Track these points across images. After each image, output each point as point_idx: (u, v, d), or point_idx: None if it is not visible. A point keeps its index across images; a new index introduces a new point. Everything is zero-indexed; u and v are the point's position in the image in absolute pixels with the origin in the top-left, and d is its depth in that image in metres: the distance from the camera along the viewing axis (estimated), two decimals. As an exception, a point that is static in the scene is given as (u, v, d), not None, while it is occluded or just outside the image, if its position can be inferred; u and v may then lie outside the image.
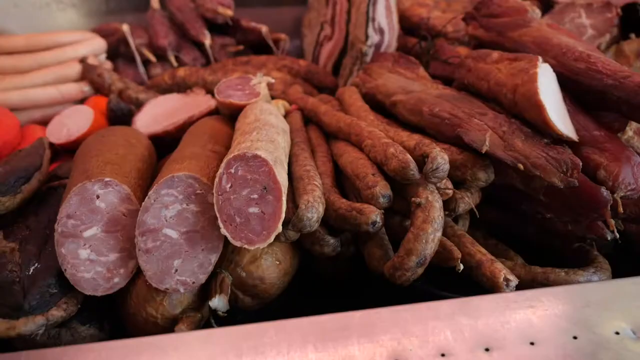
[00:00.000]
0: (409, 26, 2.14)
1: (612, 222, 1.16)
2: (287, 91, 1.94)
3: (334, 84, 2.25)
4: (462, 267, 1.06)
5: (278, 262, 1.12)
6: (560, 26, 1.55)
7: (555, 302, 0.95)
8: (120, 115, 1.92)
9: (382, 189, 1.12)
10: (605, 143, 1.21)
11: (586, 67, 1.29)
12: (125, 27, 2.35)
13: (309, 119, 1.68)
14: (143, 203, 1.05)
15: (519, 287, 1.14)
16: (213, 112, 1.74)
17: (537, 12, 1.72)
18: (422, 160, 1.13)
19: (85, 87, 2.12)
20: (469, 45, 1.83)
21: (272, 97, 2.05)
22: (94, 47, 2.24)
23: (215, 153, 1.26)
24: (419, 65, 1.74)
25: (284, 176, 1.08)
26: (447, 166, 1.12)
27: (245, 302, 1.12)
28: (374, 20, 1.96)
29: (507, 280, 1.03)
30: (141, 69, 2.38)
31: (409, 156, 1.13)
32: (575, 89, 1.33)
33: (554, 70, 1.38)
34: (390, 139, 1.30)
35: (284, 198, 1.02)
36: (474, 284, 1.12)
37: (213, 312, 1.04)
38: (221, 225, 1.01)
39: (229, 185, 1.04)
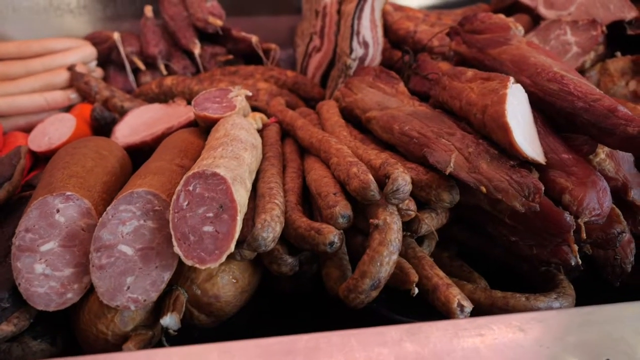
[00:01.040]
0: (396, 39, 2.13)
1: (576, 247, 1.14)
2: (269, 103, 1.94)
3: (321, 96, 2.25)
4: (416, 290, 1.05)
5: (235, 280, 1.12)
6: (539, 45, 1.54)
7: (506, 330, 0.94)
8: (104, 124, 1.94)
9: (341, 209, 1.11)
10: (573, 167, 1.19)
11: (559, 88, 1.28)
12: (116, 35, 2.37)
13: (287, 133, 1.68)
14: (100, 218, 1.05)
15: (478, 312, 1.13)
16: (193, 123, 1.74)
17: (520, 29, 1.71)
18: (385, 180, 1.12)
19: (72, 95, 2.14)
20: (452, 61, 1.82)
21: (257, 109, 2.05)
22: (84, 54, 2.25)
23: (181, 168, 1.26)
24: (399, 81, 1.73)
25: (242, 194, 1.07)
26: (408, 187, 1.11)
27: (201, 319, 1.11)
28: (358, 33, 1.95)
29: (461, 306, 1.02)
30: (130, 76, 2.40)
31: (370, 177, 1.12)
32: (548, 109, 1.31)
33: (529, 90, 1.37)
34: (359, 157, 1.30)
35: (239, 217, 1.02)
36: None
37: (165, 330, 1.03)
38: (175, 243, 1.01)
39: (186, 202, 1.04)
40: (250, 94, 1.64)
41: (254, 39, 2.43)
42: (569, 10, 1.96)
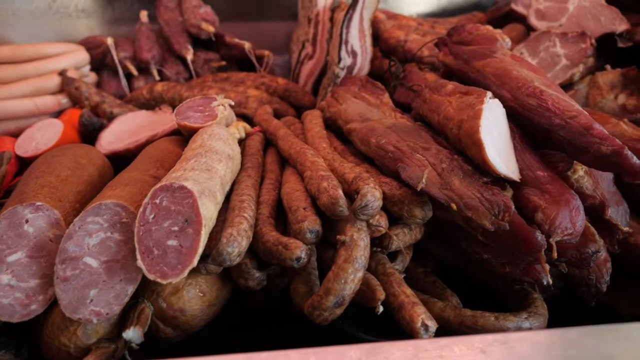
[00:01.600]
0: (386, 48, 2.12)
1: (547, 267, 1.12)
2: (257, 111, 1.94)
3: (312, 104, 2.24)
4: (381, 309, 1.03)
5: (202, 294, 1.11)
6: (523, 58, 1.52)
7: (467, 352, 0.92)
8: (92, 130, 1.95)
9: (310, 224, 1.11)
10: (547, 184, 1.17)
11: (537, 103, 1.26)
12: (109, 41, 2.38)
13: (270, 142, 1.68)
14: (67, 230, 1.05)
15: (447, 331, 1.12)
16: (178, 132, 1.74)
17: (507, 41, 1.69)
18: (356, 195, 1.11)
19: (63, 100, 2.15)
20: (440, 72, 1.81)
21: (246, 116, 2.05)
22: (77, 59, 2.27)
23: (155, 178, 1.26)
24: (384, 92, 1.72)
25: (210, 208, 1.07)
26: (377, 204, 1.10)
27: (167, 332, 1.11)
28: (347, 42, 1.95)
29: (425, 325, 1.00)
30: (123, 81, 2.41)
31: (339, 192, 1.11)
32: (527, 125, 1.30)
33: (509, 105, 1.35)
34: (334, 170, 1.29)
35: (204, 232, 1.02)
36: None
37: (129, 343, 1.03)
38: (138, 256, 1.00)
39: (152, 215, 1.04)
40: (232, 103, 1.64)
41: (247, 45, 2.43)
42: (560, 21, 1.94)
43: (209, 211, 1.06)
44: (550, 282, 1.13)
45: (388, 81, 1.86)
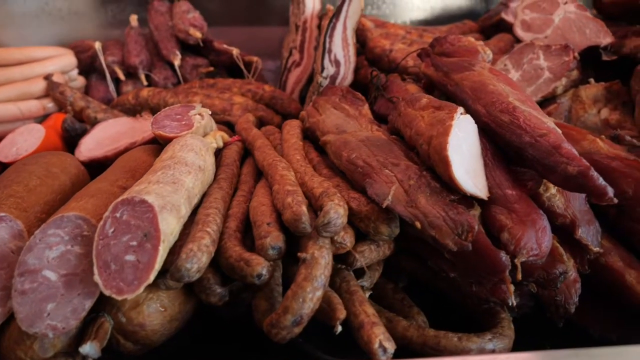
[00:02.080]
0: (372, 57, 2.12)
1: (512, 287, 1.11)
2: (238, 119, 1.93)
3: (298, 112, 2.23)
4: (340, 328, 1.02)
5: (163, 309, 1.11)
6: (502, 72, 1.51)
7: (421, 376, 0.91)
8: (74, 135, 1.94)
9: (272, 241, 1.10)
10: (515, 203, 1.16)
11: (509, 120, 1.25)
12: (97, 45, 2.38)
13: (249, 152, 1.67)
14: (27, 242, 1.05)
15: (410, 351, 1.11)
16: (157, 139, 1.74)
17: (489, 53, 1.68)
18: (319, 212, 1.10)
19: (49, 104, 2.15)
20: (420, 83, 1.79)
21: (230, 124, 2.05)
22: (63, 63, 2.27)
23: (123, 190, 1.26)
24: (365, 103, 1.71)
25: (171, 223, 1.06)
26: (340, 221, 1.09)
27: (127, 347, 1.11)
28: (330, 51, 1.94)
29: (383, 347, 0.99)
30: (111, 86, 2.41)
31: (302, 208, 1.11)
32: (500, 141, 1.29)
33: (482, 120, 1.34)
34: (304, 184, 1.28)
35: (162, 248, 1.01)
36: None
37: (86, 358, 1.03)
38: (95, 271, 1.00)
39: (112, 229, 1.03)
40: (209, 112, 1.63)
41: (235, 51, 2.43)
42: (546, 33, 1.93)
43: (169, 226, 1.06)
44: (514, 303, 1.11)
45: (372, 91, 1.85)
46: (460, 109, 1.25)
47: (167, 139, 1.49)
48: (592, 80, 1.80)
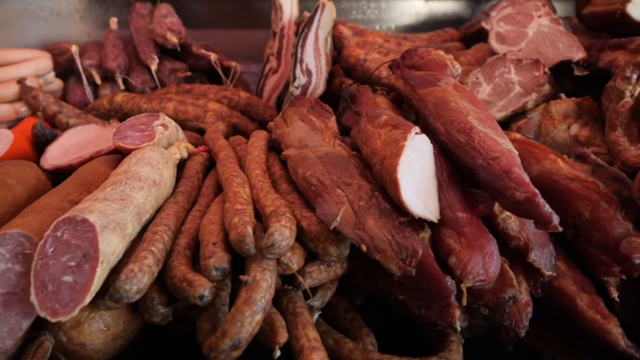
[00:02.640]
0: (347, 67, 2.10)
1: (458, 313, 1.11)
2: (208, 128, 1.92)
3: (273, 119, 2.22)
4: (278, 353, 1.02)
5: (106, 328, 1.10)
6: (466, 89, 1.49)
7: (352, 406, 0.90)
8: (44, 141, 1.93)
9: (216, 262, 1.09)
10: (465, 226, 1.15)
11: (465, 140, 1.24)
12: (74, 48, 2.37)
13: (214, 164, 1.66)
14: (-32, 260, 1.04)
15: (353, 374, 1.10)
16: (123, 148, 1.73)
17: (457, 67, 1.67)
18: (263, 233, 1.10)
19: (22, 108, 2.14)
20: (389, 96, 1.78)
21: (204, 131, 2.03)
22: (38, 67, 2.26)
23: (73, 205, 1.24)
24: (332, 115, 1.70)
25: (113, 242, 1.05)
26: (285, 243, 1.08)
27: (69, 366, 1.10)
28: (302, 61, 1.93)
29: (318, 373, 0.98)
30: (87, 89, 2.40)
31: (247, 229, 1.10)
32: (456, 161, 1.28)
33: (441, 139, 1.33)
34: (258, 201, 1.28)
35: (100, 269, 1.00)
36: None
37: (23, 377, 1.02)
38: (32, 291, 0.99)
39: (52, 249, 1.02)
40: (172, 123, 1.62)
41: (213, 56, 2.41)
42: (519, 46, 1.91)
43: (111, 246, 1.05)
44: (459, 329, 1.10)
45: (341, 102, 1.83)
46: (416, 129, 1.24)
47: (127, 150, 1.48)
48: (562, 95, 1.78)
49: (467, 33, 2.57)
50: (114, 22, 2.59)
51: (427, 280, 1.11)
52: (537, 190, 1.06)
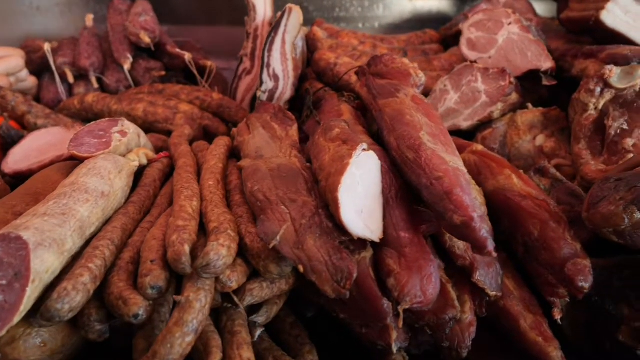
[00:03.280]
0: (317, 71, 2.08)
1: (394, 334, 1.10)
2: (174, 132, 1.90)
3: (245, 121, 2.21)
4: (208, 375, 1.02)
5: (43, 344, 1.10)
6: (424, 100, 1.47)
7: None
8: (10, 143, 1.92)
9: (152, 280, 1.08)
10: (406, 247, 1.14)
11: (413, 158, 1.22)
12: (46, 46, 2.35)
13: (175, 170, 1.65)
14: None
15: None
16: (85, 153, 1.72)
17: (421, 76, 1.64)
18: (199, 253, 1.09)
19: (-9, 107, 2.13)
20: (354, 104, 1.76)
21: (170, 132, 2.02)
22: (10, 65, 2.24)
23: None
24: (294, 123, 1.68)
25: (48, 260, 1.05)
26: (221, 262, 1.07)
27: (4, 382, 1.10)
28: (269, 66, 1.90)
29: (247, 396, 0.98)
30: (60, 88, 2.38)
31: (184, 248, 1.09)
32: (405, 178, 1.26)
33: (392, 154, 1.32)
34: (205, 215, 1.27)
35: (31, 288, 1.00)
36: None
37: (-45, 394, 1.02)
38: (-38, 310, 0.99)
39: (-15, 266, 1.02)
40: (131, 129, 1.61)
41: (187, 56, 2.39)
42: (490, 53, 1.89)
43: (45, 264, 1.04)
44: (395, 350, 1.10)
45: (305, 109, 1.82)
46: (363, 146, 1.23)
47: (81, 159, 1.47)
48: (529, 105, 1.76)
49: (447, 34, 2.53)
50: (89, 19, 2.57)
51: (365, 301, 1.10)
52: (474, 214, 1.05)
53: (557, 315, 1.18)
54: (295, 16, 1.92)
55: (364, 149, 1.22)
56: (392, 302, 1.09)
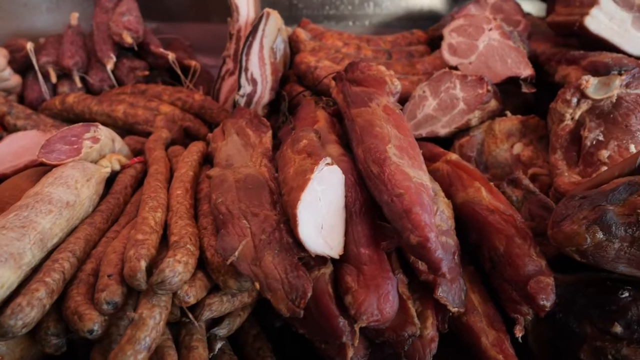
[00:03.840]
0: (298, 74, 2.06)
1: (350, 352, 1.10)
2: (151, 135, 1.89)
3: (227, 123, 2.20)
4: (159, 392, 1.01)
5: (0, 357, 1.10)
6: (396, 111, 1.46)
7: None
8: (-12, 144, 1.92)
9: (108, 296, 1.08)
10: (365, 264, 1.13)
11: (377, 172, 1.21)
12: (29, 45, 2.34)
13: (148, 176, 1.64)
14: None
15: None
16: (60, 157, 1.71)
17: (396, 84, 1.63)
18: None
19: (-29, 108, 2.12)
20: (330, 110, 1.74)
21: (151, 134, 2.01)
22: (-9, 65, 2.23)
23: (-20, 228, 1.24)
24: (268, 130, 1.67)
25: (4, 275, 1.05)
26: (177, 279, 1.07)
27: (-39, 395, 1.11)
28: (247, 70, 1.89)
29: (197, 415, 0.98)
30: (43, 87, 2.37)
31: (140, 264, 1.08)
32: (370, 192, 1.25)
33: (359, 167, 1.31)
34: (169, 226, 1.26)
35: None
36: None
37: None
38: None
39: (-61, 281, 1.02)
40: (104, 135, 1.60)
41: (171, 56, 2.38)
42: (470, 59, 1.86)
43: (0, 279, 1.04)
44: (350, 368, 1.10)
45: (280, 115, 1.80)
46: (327, 160, 1.21)
47: (52, 166, 1.47)
48: (508, 113, 1.74)
49: (434, 35, 2.50)
50: (74, 17, 2.55)
51: (322, 319, 1.10)
52: (430, 235, 1.04)
53: (519, 333, 1.17)
54: (272, 21, 1.90)
55: (328, 163, 1.21)
56: (350, 319, 1.09)
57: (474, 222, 1.33)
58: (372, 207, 1.24)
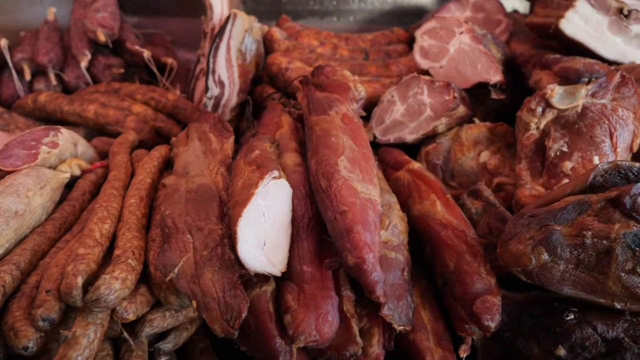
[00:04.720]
0: (269, 75, 2.03)
1: (289, 373, 1.08)
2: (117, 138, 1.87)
3: (200, 123, 2.17)
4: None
5: (-63, 372, 1.10)
6: (354, 121, 1.43)
7: None
8: (-44, 145, 1.91)
9: (44, 312, 1.07)
10: (306, 283, 1.12)
11: (325, 187, 1.19)
12: (2, 42, 2.31)
13: (109, 181, 1.62)
14: None
15: None
16: (23, 160, 1.70)
17: (360, 90, 1.60)
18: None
19: (-57, 107, 2.11)
20: (295, 115, 1.71)
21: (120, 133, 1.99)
22: (-37, 62, 2.21)
23: None
24: (231, 135, 1.64)
25: (-62, 290, 1.04)
26: (113, 296, 1.06)
27: None
28: (214, 72, 1.86)
29: None
30: (18, 84, 2.35)
31: (77, 281, 1.07)
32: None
33: (310, 180, 1.28)
34: (115, 239, 1.25)
35: None
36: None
37: None
38: None
39: None
40: (64, 139, 1.58)
41: (146, 54, 2.34)
42: (441, 62, 1.82)
43: None
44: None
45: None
46: (273, 173, 1.19)
47: (7, 172, 1.45)
48: (476, 120, 1.71)
49: (414, 34, 2.46)
50: (52, 12, 2.53)
51: (260, 337, 1.09)
52: (368, 256, 1.02)
53: (463, 353, 1.16)
54: (239, 22, 1.86)
55: (275, 177, 1.19)
56: (288, 339, 1.08)
57: (427, 237, 1.31)
58: (320, 222, 1.22)
